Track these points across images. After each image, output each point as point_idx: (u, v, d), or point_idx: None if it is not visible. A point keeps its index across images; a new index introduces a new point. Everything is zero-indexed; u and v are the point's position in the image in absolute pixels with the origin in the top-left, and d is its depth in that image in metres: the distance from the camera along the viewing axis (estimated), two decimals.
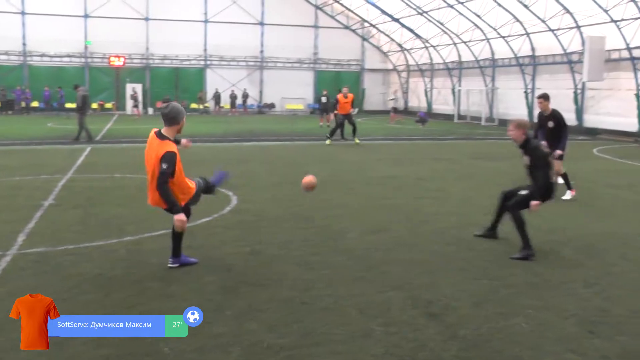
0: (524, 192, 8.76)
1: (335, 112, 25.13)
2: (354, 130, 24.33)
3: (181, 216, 6.89)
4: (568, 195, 13.14)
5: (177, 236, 7.35)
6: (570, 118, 33.52)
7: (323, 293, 6.59)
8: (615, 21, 31.09)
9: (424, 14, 44.15)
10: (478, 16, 39.44)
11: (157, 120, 8.44)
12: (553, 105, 13.66)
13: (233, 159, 18.68)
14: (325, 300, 6.38)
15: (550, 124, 13.28)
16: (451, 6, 40.78)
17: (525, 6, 34.91)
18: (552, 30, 35.33)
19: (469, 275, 7.41)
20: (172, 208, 6.91)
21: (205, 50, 49.64)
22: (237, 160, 18.38)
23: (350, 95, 24.76)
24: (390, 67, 55.73)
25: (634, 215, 11.48)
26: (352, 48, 53.92)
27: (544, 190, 8.55)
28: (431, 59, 49.43)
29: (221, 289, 6.66)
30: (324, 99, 37.06)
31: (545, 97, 13.57)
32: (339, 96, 24.48)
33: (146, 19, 47.77)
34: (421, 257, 8.17)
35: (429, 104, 50.10)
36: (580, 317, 6.13)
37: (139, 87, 46.76)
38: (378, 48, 54.95)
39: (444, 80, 48.59)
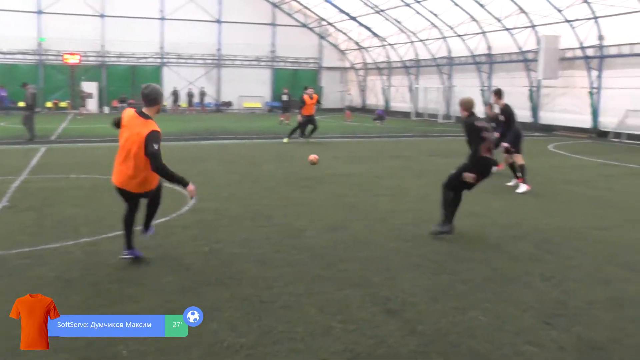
0: (453, 172, 9.28)
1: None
2: (313, 130, 24.38)
3: (192, 186, 7.10)
4: (522, 188, 13.43)
5: (128, 225, 7.38)
6: (525, 115, 34.48)
7: (283, 291, 6.60)
8: (569, 21, 31.71)
9: (381, 13, 44.36)
10: (435, 15, 39.79)
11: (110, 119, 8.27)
12: (511, 102, 14.35)
13: (191, 157, 18.55)
14: (284, 299, 6.39)
15: (502, 117, 14.13)
16: (408, 5, 41.02)
17: (482, 5, 35.33)
18: (508, 29, 35.85)
19: (427, 271, 7.50)
20: (180, 182, 7.07)
21: (162, 48, 49.03)
22: (195, 158, 18.26)
23: (315, 96, 24.87)
24: (347, 65, 55.88)
25: (588, 210, 11.75)
26: (309, 46, 53.90)
27: (476, 163, 9.01)
28: (388, 57, 49.71)
29: (180, 289, 6.62)
30: (284, 97, 37.03)
31: (495, 93, 14.51)
32: (305, 97, 24.33)
33: (101, 15, 47.02)
34: (379, 254, 8.23)
35: (387, 102, 50.40)
36: (538, 310, 6.26)
37: (92, 85, 46.01)
38: (335, 46, 55.02)
39: (401, 78, 48.92)
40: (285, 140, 23.84)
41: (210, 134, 27.35)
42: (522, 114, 34.49)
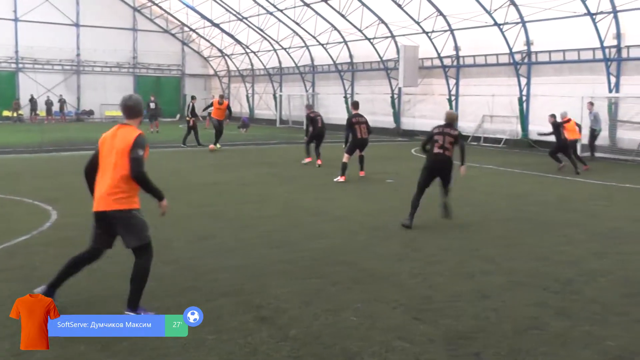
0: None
1: (205, 117, 25.48)
2: (218, 136, 24.76)
3: (165, 201, 6.29)
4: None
5: (142, 280, 6.18)
6: (388, 121, 35.88)
7: (151, 306, 6.32)
8: (427, 32, 32.99)
9: (244, 20, 44.32)
10: (297, 24, 40.18)
11: None
12: (374, 109, 15.86)
13: (51, 170, 17.71)
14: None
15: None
16: (270, 13, 41.24)
17: (343, 15, 36.03)
18: (369, 39, 36.76)
19: (297, 275, 7.52)
20: (157, 194, 6.22)
21: (16, 52, 46.01)
22: (55, 171, 17.39)
23: (225, 102, 25.38)
24: (211, 72, 55.40)
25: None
26: (172, 53, 52.87)
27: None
28: (252, 64, 49.71)
29: None
30: (152, 105, 36.17)
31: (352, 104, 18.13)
32: (214, 101, 25.30)
33: None
34: (248, 261, 8.16)
35: (251, 109, 50.37)
36: (407, 306, 6.46)
37: None
38: (198, 53, 54.41)
39: (265, 85, 49.04)
40: (217, 146, 24.25)
41: (72, 145, 26.07)
42: (385, 120, 35.66)
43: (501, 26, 29.10)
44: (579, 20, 25.78)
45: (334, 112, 41.71)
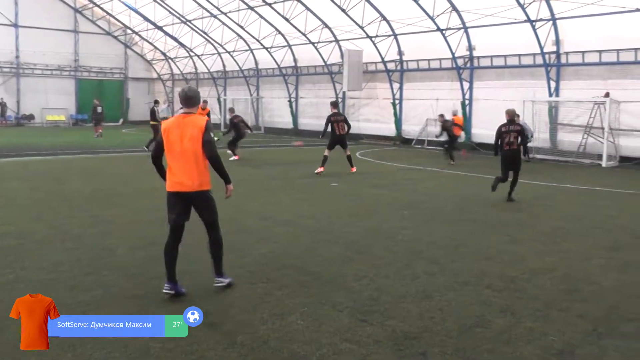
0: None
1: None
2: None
3: (232, 185, 7.33)
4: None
5: (220, 250, 7.31)
6: None
7: (100, 312, 6.23)
8: (371, 37, 33.28)
9: (188, 23, 43.97)
10: (241, 27, 40.05)
11: None
12: (318, 113, 17.27)
13: None
14: None
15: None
16: (214, 16, 41.02)
17: (287, 19, 36.10)
18: (313, 43, 36.91)
19: (243, 280, 7.47)
20: (226, 177, 7.21)
21: None
22: None
23: (207, 109, 25.96)
24: (154, 76, 54.74)
25: (393, 212, 12.37)
26: (114, 55, 51.98)
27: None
28: (196, 68, 49.36)
29: None
30: (99, 109, 35.51)
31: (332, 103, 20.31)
32: (199, 106, 25.18)
33: None
34: (194, 267, 8.03)
35: None
36: (353, 308, 6.48)
37: None
38: (142, 56, 53.72)
39: (209, 89, 48.72)
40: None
41: (12, 150, 25.27)
42: None
43: (444, 31, 29.57)
44: (520, 26, 26.39)
45: (279, 115, 41.88)
